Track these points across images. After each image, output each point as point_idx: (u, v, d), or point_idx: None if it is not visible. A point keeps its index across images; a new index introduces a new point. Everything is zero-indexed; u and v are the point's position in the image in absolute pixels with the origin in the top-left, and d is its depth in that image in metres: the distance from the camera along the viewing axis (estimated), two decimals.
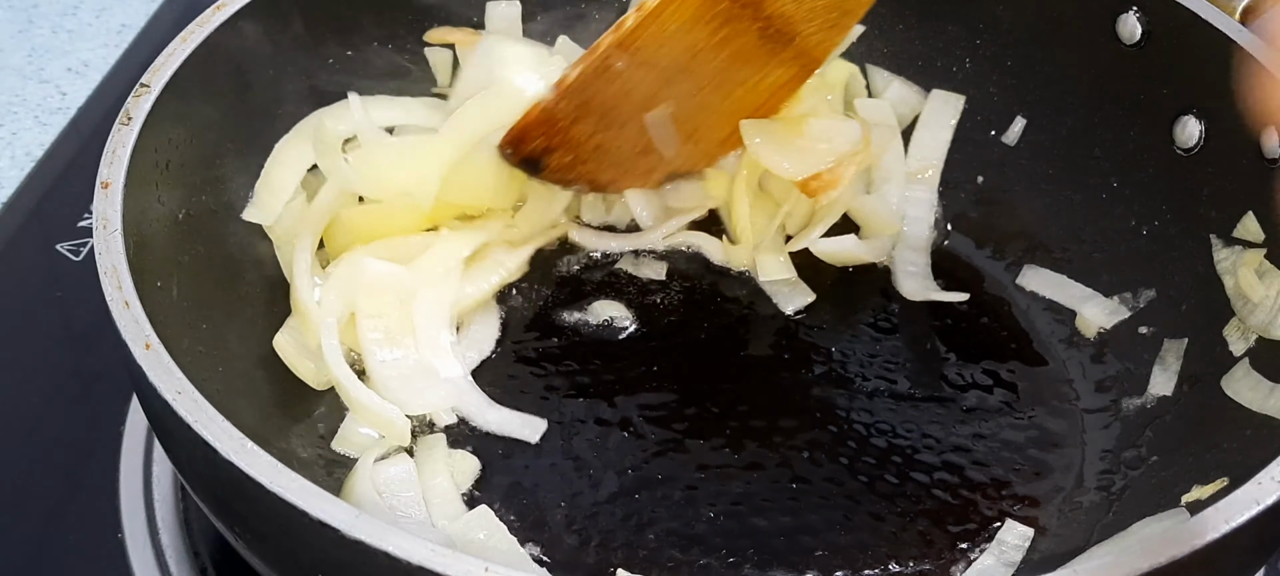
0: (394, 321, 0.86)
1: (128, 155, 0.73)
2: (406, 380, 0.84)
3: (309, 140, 0.89)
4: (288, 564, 0.62)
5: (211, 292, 0.80)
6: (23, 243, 1.07)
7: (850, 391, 0.88)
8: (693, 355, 0.91)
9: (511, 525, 0.77)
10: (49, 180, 1.13)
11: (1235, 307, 0.82)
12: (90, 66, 1.35)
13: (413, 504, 0.77)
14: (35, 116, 1.27)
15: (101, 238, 0.68)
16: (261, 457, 0.57)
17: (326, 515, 0.54)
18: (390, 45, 0.99)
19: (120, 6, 1.45)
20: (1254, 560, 0.66)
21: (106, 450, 0.87)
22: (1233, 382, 0.79)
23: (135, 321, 0.64)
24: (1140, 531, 0.71)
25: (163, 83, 0.78)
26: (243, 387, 0.78)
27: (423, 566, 0.52)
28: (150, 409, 0.65)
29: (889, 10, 1.07)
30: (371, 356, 0.85)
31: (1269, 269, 0.80)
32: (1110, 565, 0.54)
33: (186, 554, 0.81)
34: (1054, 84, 0.98)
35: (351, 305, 0.86)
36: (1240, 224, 0.83)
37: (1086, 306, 0.93)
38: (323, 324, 0.83)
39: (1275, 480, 0.59)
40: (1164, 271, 0.89)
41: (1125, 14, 0.91)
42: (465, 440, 0.83)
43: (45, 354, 0.97)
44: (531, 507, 0.79)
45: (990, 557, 0.77)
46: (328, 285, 0.86)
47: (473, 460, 0.81)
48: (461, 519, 0.77)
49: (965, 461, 0.83)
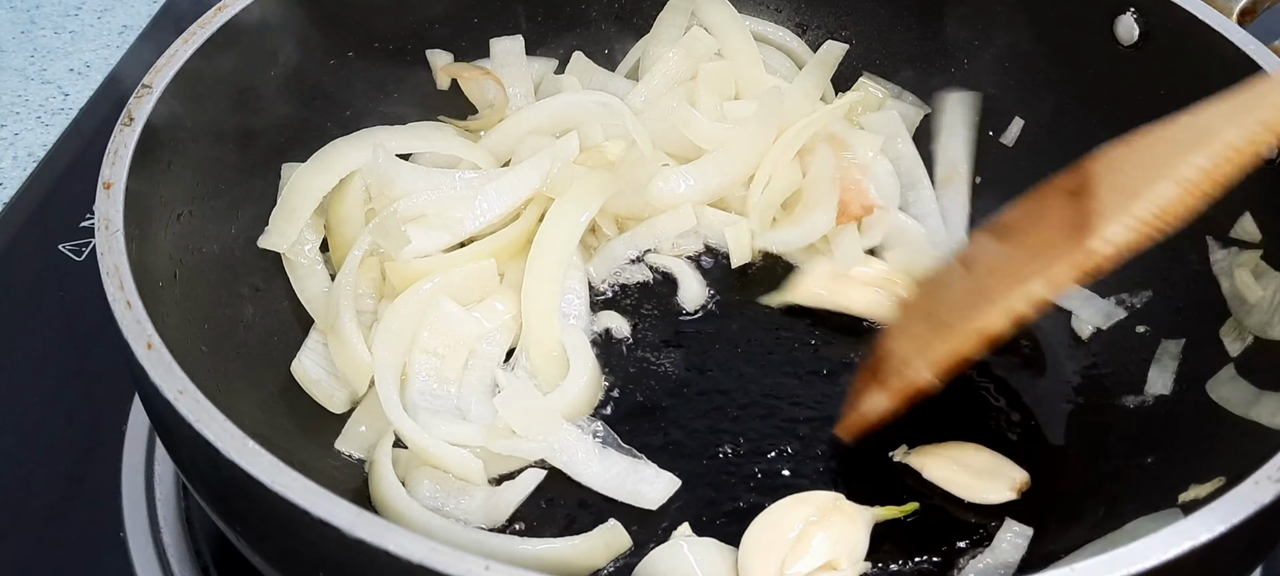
0: (448, 365, 0.86)
1: (129, 156, 0.73)
2: (435, 414, 0.84)
3: (328, 169, 0.90)
4: (289, 562, 0.62)
5: (213, 292, 0.80)
6: (25, 243, 1.07)
7: (848, 391, 0.88)
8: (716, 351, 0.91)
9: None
10: (51, 180, 1.13)
11: (1232, 308, 0.82)
12: (92, 67, 1.35)
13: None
14: (37, 117, 1.27)
15: (103, 238, 0.68)
16: (263, 457, 0.57)
17: (328, 514, 0.54)
18: (391, 47, 0.99)
19: (122, 7, 1.45)
20: (1251, 559, 0.66)
21: (108, 449, 0.88)
22: (1218, 387, 0.79)
23: (137, 321, 0.64)
24: (1137, 530, 0.71)
25: (164, 83, 0.78)
26: (244, 387, 0.78)
27: (423, 565, 0.52)
28: (152, 408, 0.65)
29: (888, 11, 1.07)
30: (410, 385, 0.85)
31: (1266, 270, 0.81)
32: (1107, 564, 0.55)
33: (188, 552, 0.81)
34: (1052, 85, 0.99)
35: (412, 338, 0.86)
36: (1238, 224, 0.83)
37: (1084, 307, 0.93)
38: (379, 372, 0.83)
39: (1272, 480, 0.59)
40: (1161, 272, 0.89)
41: (1123, 15, 0.91)
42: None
43: (47, 353, 0.97)
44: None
45: (990, 557, 0.77)
46: (390, 323, 0.85)
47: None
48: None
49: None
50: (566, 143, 0.96)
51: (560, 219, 0.91)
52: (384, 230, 0.87)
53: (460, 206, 0.92)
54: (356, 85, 0.97)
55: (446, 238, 0.91)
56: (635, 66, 1.08)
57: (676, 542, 0.74)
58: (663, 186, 0.97)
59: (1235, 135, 0.65)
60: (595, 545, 0.75)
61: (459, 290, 0.89)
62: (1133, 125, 0.92)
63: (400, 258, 0.89)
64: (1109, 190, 0.69)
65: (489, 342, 0.88)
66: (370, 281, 0.90)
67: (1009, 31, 1.00)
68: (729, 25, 1.06)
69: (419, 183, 0.92)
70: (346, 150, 0.92)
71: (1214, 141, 0.66)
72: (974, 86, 1.02)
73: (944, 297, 0.83)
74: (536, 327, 0.88)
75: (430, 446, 0.79)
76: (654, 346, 0.91)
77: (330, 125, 0.94)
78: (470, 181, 0.93)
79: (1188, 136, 0.68)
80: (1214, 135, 0.66)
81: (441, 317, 0.87)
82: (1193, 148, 0.66)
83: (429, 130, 0.98)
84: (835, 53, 1.07)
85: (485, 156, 0.97)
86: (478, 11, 1.03)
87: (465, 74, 1.01)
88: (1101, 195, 0.70)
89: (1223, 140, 0.65)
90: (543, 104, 1.01)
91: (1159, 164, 0.68)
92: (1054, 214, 0.73)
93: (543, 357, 0.87)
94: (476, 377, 0.87)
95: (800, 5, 1.11)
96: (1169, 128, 0.70)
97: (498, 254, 0.91)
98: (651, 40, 1.08)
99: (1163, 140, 0.69)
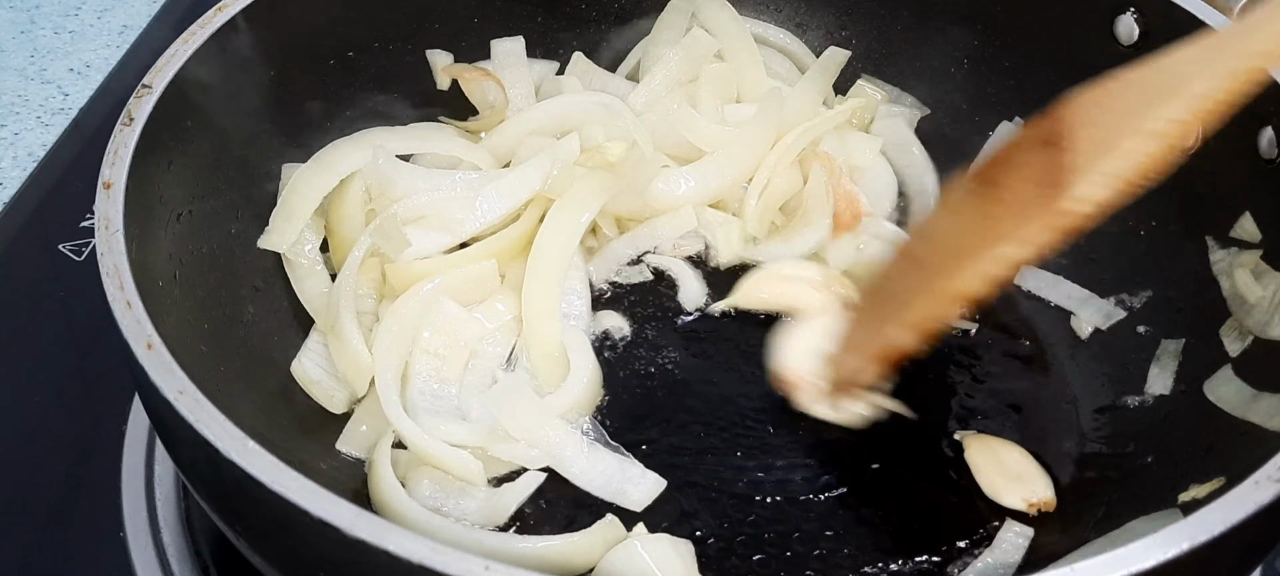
0: (449, 365, 0.86)
1: (129, 156, 0.73)
2: (435, 415, 0.84)
3: (328, 170, 0.90)
4: (289, 562, 0.62)
5: (213, 292, 0.80)
6: (25, 243, 1.07)
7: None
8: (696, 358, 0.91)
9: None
10: (51, 181, 1.13)
11: (1232, 308, 0.82)
12: (92, 67, 1.35)
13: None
14: (37, 117, 1.27)
15: (103, 238, 0.68)
16: (263, 457, 0.57)
17: (327, 514, 0.54)
18: (391, 47, 0.99)
19: (122, 7, 1.45)
20: (1251, 559, 0.66)
21: (108, 449, 0.88)
22: (1215, 388, 0.79)
23: (137, 321, 0.64)
24: (1138, 530, 0.71)
25: (164, 83, 0.78)
26: (244, 387, 0.78)
27: (423, 565, 0.52)
28: (152, 408, 0.65)
29: (887, 12, 1.07)
30: (411, 386, 0.85)
31: (1266, 270, 0.81)
32: (1107, 564, 0.55)
33: (188, 552, 0.81)
34: (1051, 85, 0.98)
35: (412, 339, 0.86)
36: (1237, 224, 0.83)
37: (1084, 307, 0.93)
38: (380, 374, 0.83)
39: (1272, 480, 0.59)
40: (1161, 272, 0.89)
41: (1123, 15, 0.91)
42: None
43: (47, 354, 0.97)
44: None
45: (990, 557, 0.77)
46: (391, 324, 0.85)
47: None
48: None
49: (965, 460, 0.83)
50: (567, 144, 0.96)
51: (561, 220, 0.91)
52: (384, 232, 0.87)
53: (461, 207, 0.92)
54: (356, 85, 0.97)
55: (447, 239, 0.91)
56: (635, 68, 1.09)
57: (631, 542, 0.75)
58: (663, 187, 0.97)
59: (1205, 86, 0.64)
60: (594, 541, 0.75)
61: (460, 291, 0.89)
62: None
63: (400, 259, 0.89)
64: (1083, 142, 0.68)
65: (490, 343, 0.88)
66: (371, 282, 0.90)
67: (1009, 31, 1.00)
68: (729, 26, 1.07)
69: (419, 184, 0.92)
70: (347, 151, 0.92)
71: (1184, 92, 0.64)
72: (974, 86, 1.02)
73: (923, 256, 0.81)
74: (537, 328, 0.88)
75: (430, 447, 0.79)
76: (654, 346, 0.91)
77: (330, 126, 0.94)
78: (471, 182, 0.93)
79: (1159, 83, 0.66)
80: (1184, 85, 0.65)
81: (443, 318, 0.87)
82: (1164, 99, 0.65)
83: (429, 131, 0.98)
84: (837, 59, 1.07)
85: (486, 157, 0.97)
86: (478, 12, 1.03)
87: (466, 74, 1.01)
88: (1075, 147, 0.68)
89: (1193, 92, 0.64)
90: (543, 105, 1.01)
91: (1132, 114, 0.66)
92: (1028, 167, 0.71)
93: (543, 358, 0.87)
94: (477, 378, 0.87)
95: (800, 6, 1.11)
96: (1140, 71, 0.68)
97: (498, 255, 0.91)
98: (652, 41, 1.08)
99: (1134, 85, 0.68)
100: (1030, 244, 0.69)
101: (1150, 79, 0.67)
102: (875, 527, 0.79)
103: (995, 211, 0.72)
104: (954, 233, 0.77)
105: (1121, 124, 0.66)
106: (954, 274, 0.73)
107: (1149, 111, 0.65)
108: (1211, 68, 0.64)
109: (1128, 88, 0.68)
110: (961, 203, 0.77)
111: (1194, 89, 0.64)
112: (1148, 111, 0.65)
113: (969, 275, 0.72)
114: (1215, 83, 0.63)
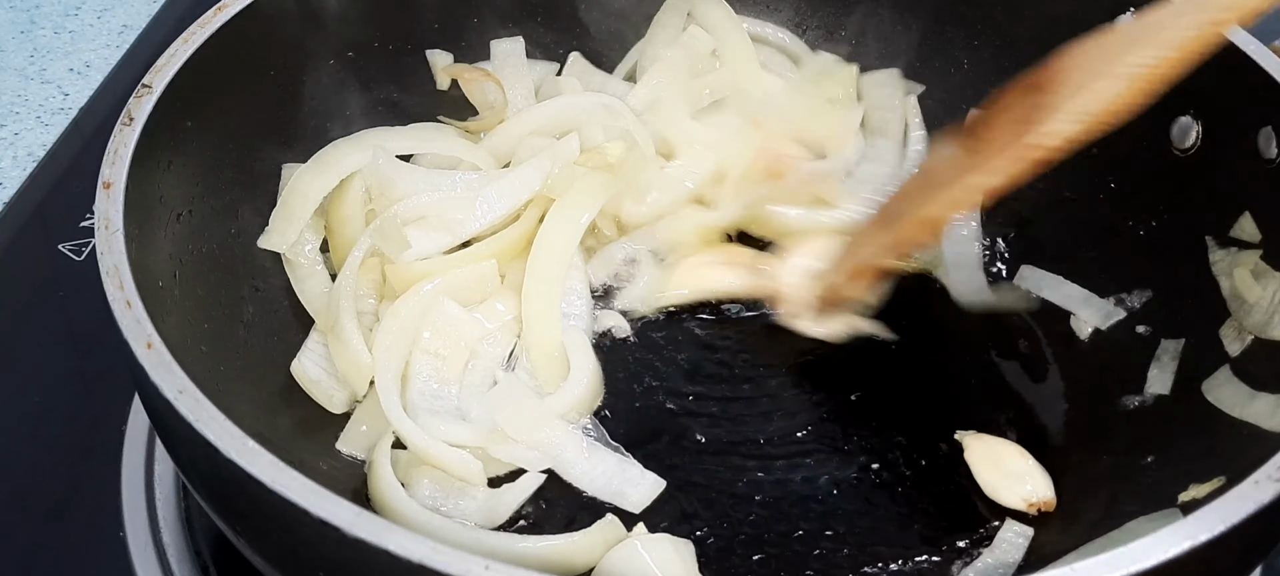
0: (449, 366, 0.86)
1: (129, 155, 0.73)
2: (435, 415, 0.84)
3: (328, 170, 0.90)
4: (289, 562, 0.62)
5: (213, 292, 0.80)
6: (25, 242, 1.07)
7: (847, 392, 0.88)
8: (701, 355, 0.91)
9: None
10: (51, 180, 1.13)
11: (1232, 308, 0.82)
12: (92, 67, 1.35)
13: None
14: (37, 117, 1.27)
15: (103, 238, 0.68)
16: (263, 456, 0.57)
17: (327, 513, 0.54)
18: (391, 47, 0.99)
19: (122, 7, 1.45)
20: (1250, 559, 0.66)
21: (108, 449, 0.88)
22: (1214, 388, 0.79)
23: (137, 321, 0.64)
24: (1137, 530, 0.71)
25: (164, 83, 0.78)
26: (244, 387, 0.78)
27: (423, 564, 0.52)
28: (152, 408, 0.65)
29: (887, 11, 1.07)
30: (411, 386, 0.85)
31: (1265, 270, 0.81)
32: (1107, 564, 0.55)
33: (188, 552, 0.81)
34: None
35: (412, 339, 0.86)
36: (1237, 225, 0.83)
37: (1083, 307, 0.93)
38: (380, 374, 0.83)
39: (1272, 479, 0.59)
40: (1161, 272, 0.89)
41: (1124, 16, 0.91)
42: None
43: (47, 353, 0.97)
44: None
45: (990, 557, 0.77)
46: (391, 324, 0.85)
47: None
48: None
49: (964, 460, 0.83)
50: (567, 144, 0.96)
51: (561, 220, 0.91)
52: (384, 233, 0.87)
53: (461, 208, 0.92)
54: (356, 85, 0.97)
55: (447, 239, 0.91)
56: (633, 69, 1.09)
57: (631, 542, 0.75)
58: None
59: (1174, 34, 0.68)
60: (594, 541, 0.75)
61: (460, 291, 0.89)
62: (1132, 125, 0.92)
63: (401, 260, 0.89)
64: (1063, 86, 0.72)
65: (490, 344, 0.89)
66: (371, 282, 0.90)
67: (1007, 31, 1.00)
68: (726, 24, 1.07)
69: (419, 184, 0.92)
70: (346, 151, 0.92)
71: (1155, 40, 0.69)
72: (974, 85, 1.02)
73: (909, 189, 0.86)
74: (537, 328, 0.88)
75: (430, 447, 0.79)
76: (654, 346, 0.91)
77: (330, 125, 0.95)
78: (471, 183, 0.93)
79: (1138, 33, 0.71)
80: (1157, 33, 0.69)
81: (443, 318, 0.87)
82: (1138, 46, 0.69)
83: (429, 131, 0.98)
84: (831, 65, 1.07)
85: (486, 158, 0.98)
86: (478, 12, 1.03)
87: (466, 75, 1.01)
88: (1056, 91, 0.72)
89: (1163, 39, 0.68)
90: (543, 105, 1.01)
91: (1108, 60, 0.70)
92: (1009, 110, 0.75)
93: (544, 358, 0.87)
94: (477, 378, 0.87)
95: (798, 4, 1.11)
96: (1126, 25, 0.74)
97: (499, 255, 0.91)
98: (649, 41, 1.08)
99: (1117, 35, 0.72)
100: (999, 174, 0.74)
101: (1131, 30, 0.72)
102: (875, 527, 0.79)
103: (975, 148, 0.77)
104: (935, 168, 0.83)
105: (1098, 67, 0.71)
106: (928, 201, 0.79)
107: (1123, 57, 0.70)
108: (1181, 20, 0.68)
109: (1113, 37, 0.72)
110: (947, 143, 0.82)
111: (1163, 37, 0.69)
112: (1122, 57, 0.70)
113: (941, 202, 0.78)
114: (1182, 33, 0.68)
